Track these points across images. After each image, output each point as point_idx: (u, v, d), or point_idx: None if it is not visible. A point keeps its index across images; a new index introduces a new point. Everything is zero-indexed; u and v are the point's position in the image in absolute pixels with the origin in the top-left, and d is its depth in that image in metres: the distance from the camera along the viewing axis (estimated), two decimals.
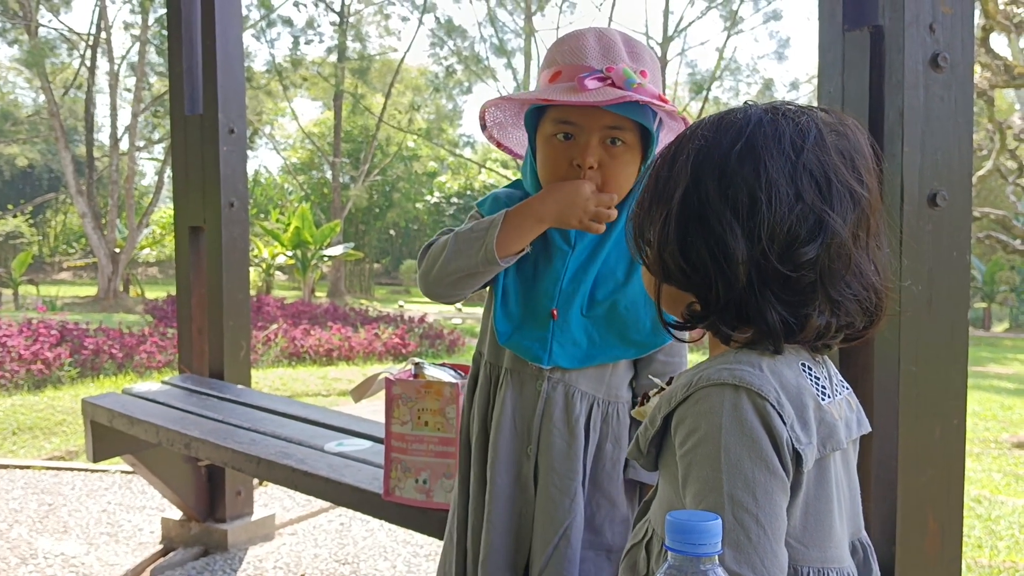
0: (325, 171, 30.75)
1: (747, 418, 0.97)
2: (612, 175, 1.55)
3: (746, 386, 0.98)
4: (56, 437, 6.46)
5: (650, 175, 1.10)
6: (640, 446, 1.10)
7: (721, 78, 27.20)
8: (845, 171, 1.02)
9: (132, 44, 23.15)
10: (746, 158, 1.01)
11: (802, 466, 1.00)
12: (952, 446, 1.80)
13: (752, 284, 1.00)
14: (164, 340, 10.43)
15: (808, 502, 1.03)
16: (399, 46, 28.46)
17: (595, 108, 1.51)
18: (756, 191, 0.99)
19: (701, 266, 1.02)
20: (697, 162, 1.03)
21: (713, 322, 1.05)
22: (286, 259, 21.36)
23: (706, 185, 1.02)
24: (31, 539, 3.87)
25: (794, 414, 0.99)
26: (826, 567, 1.05)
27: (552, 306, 1.61)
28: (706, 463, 0.97)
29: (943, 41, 1.75)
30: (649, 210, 1.08)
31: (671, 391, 1.05)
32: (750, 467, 0.96)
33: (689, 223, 1.02)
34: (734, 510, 0.95)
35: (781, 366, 1.03)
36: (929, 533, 1.79)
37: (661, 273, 1.07)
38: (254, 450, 2.65)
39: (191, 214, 3.82)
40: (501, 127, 1.75)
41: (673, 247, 1.03)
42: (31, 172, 33.16)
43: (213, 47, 3.66)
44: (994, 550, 4.29)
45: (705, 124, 1.07)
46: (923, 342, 1.75)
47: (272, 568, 3.54)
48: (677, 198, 1.03)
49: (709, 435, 0.98)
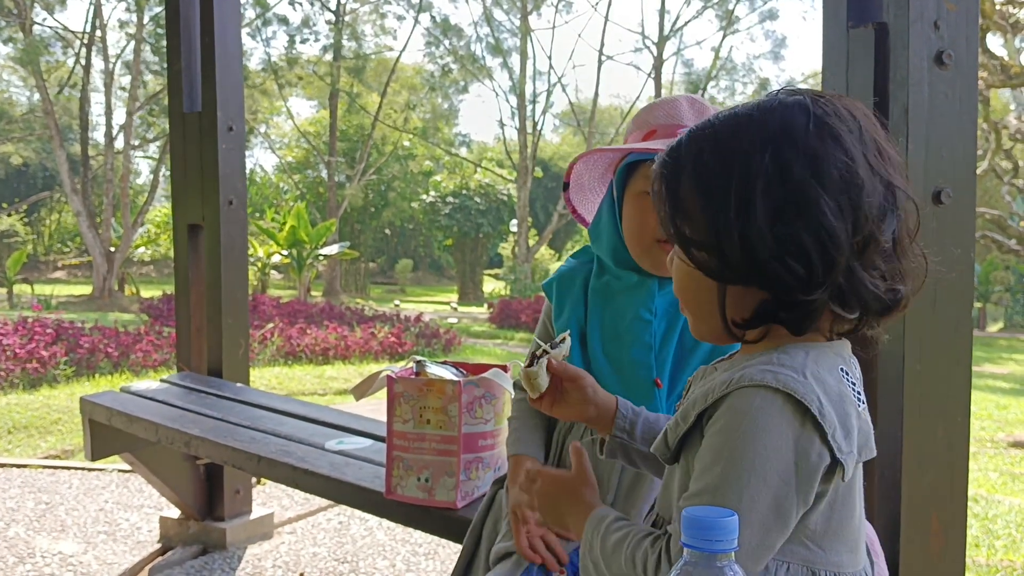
0: (321, 170, 30.73)
1: (783, 426, 0.95)
2: None
3: (791, 392, 0.96)
4: (52, 436, 6.44)
5: (684, 179, 1.04)
6: (668, 442, 1.08)
7: (717, 78, 27.27)
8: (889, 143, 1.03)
9: (127, 42, 23.14)
10: (825, 137, 0.99)
11: (844, 475, 0.99)
12: (956, 444, 1.80)
13: (850, 264, 0.98)
14: (160, 339, 10.41)
15: (833, 507, 1.02)
16: (395, 45, 28.47)
17: None
18: (844, 169, 0.98)
19: (799, 254, 0.97)
20: (775, 149, 0.98)
21: (793, 315, 1.00)
22: (281, 258, 21.34)
23: (794, 170, 0.97)
24: (28, 538, 3.86)
25: (837, 422, 0.97)
26: (842, 572, 1.04)
27: (652, 376, 1.58)
28: (728, 457, 0.96)
29: (947, 38, 1.75)
30: (704, 211, 1.01)
31: (708, 388, 1.02)
32: (767, 471, 0.95)
33: (782, 212, 0.97)
34: (718, 499, 0.95)
35: (823, 372, 1.00)
36: (933, 532, 1.78)
37: (726, 273, 1.01)
38: (254, 448, 2.64)
39: (190, 212, 3.81)
40: (580, 190, 1.75)
41: (761, 241, 0.97)
42: (26, 170, 33.09)
43: (212, 44, 3.65)
44: (991, 549, 4.29)
45: (746, 114, 1.03)
46: (927, 340, 1.75)
47: (271, 567, 3.53)
48: (759, 189, 0.97)
49: (740, 434, 0.96)
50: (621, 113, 30.14)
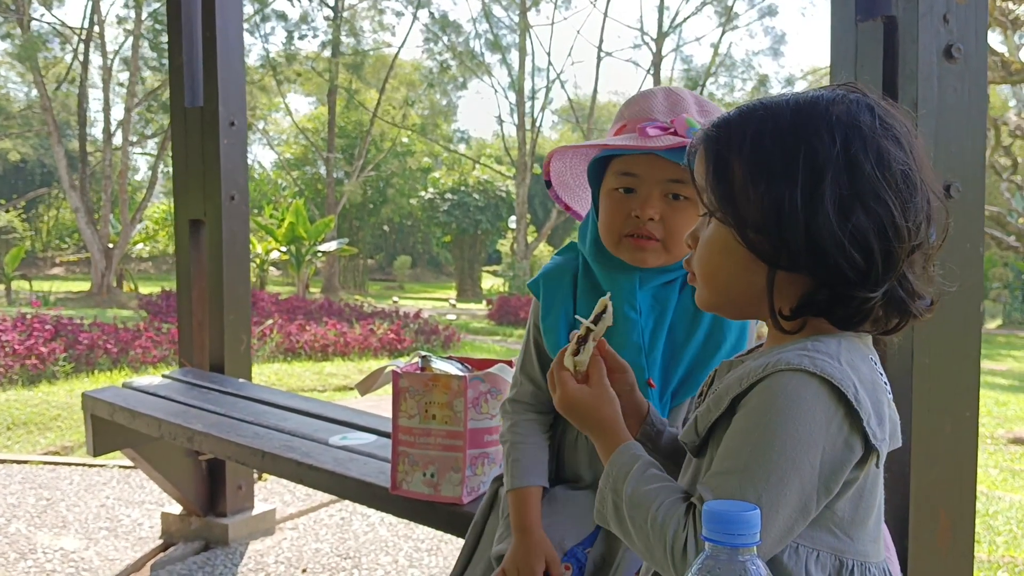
0: (319, 167, 30.71)
1: (817, 411, 0.95)
2: (675, 229, 1.49)
3: (827, 377, 0.96)
4: (51, 432, 6.42)
5: (737, 160, 1.02)
6: (698, 429, 1.06)
7: (716, 74, 27.24)
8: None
9: (125, 39, 23.09)
10: (889, 136, 1.00)
11: (878, 461, 0.99)
12: (964, 439, 1.80)
13: (907, 259, 0.99)
14: (159, 335, 10.39)
15: (862, 494, 1.02)
16: (393, 41, 28.41)
17: (657, 160, 1.47)
18: (907, 169, 0.99)
19: (863, 248, 0.96)
20: (845, 140, 0.98)
21: (848, 310, 1.00)
22: (280, 255, 21.32)
23: (864, 163, 0.97)
24: (30, 534, 3.85)
25: (871, 410, 0.97)
26: (868, 562, 1.04)
27: (645, 376, 1.52)
28: (759, 439, 0.95)
29: (957, 32, 1.74)
30: (766, 195, 0.99)
31: (741, 373, 1.01)
32: (798, 456, 0.94)
33: (851, 204, 0.97)
34: (746, 481, 0.95)
35: (857, 360, 1.00)
36: (941, 527, 1.78)
37: (782, 259, 1.00)
38: (258, 444, 2.64)
39: (191, 207, 3.80)
40: (566, 188, 1.71)
41: (828, 230, 0.96)
42: (24, 167, 33.03)
43: (214, 39, 3.64)
44: (992, 545, 4.30)
45: (808, 101, 1.02)
46: (936, 334, 1.74)
47: (273, 562, 3.52)
48: (829, 178, 0.97)
49: (774, 416, 0.95)
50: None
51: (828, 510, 1.00)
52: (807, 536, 1.00)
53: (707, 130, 1.07)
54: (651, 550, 1.00)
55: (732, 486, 0.95)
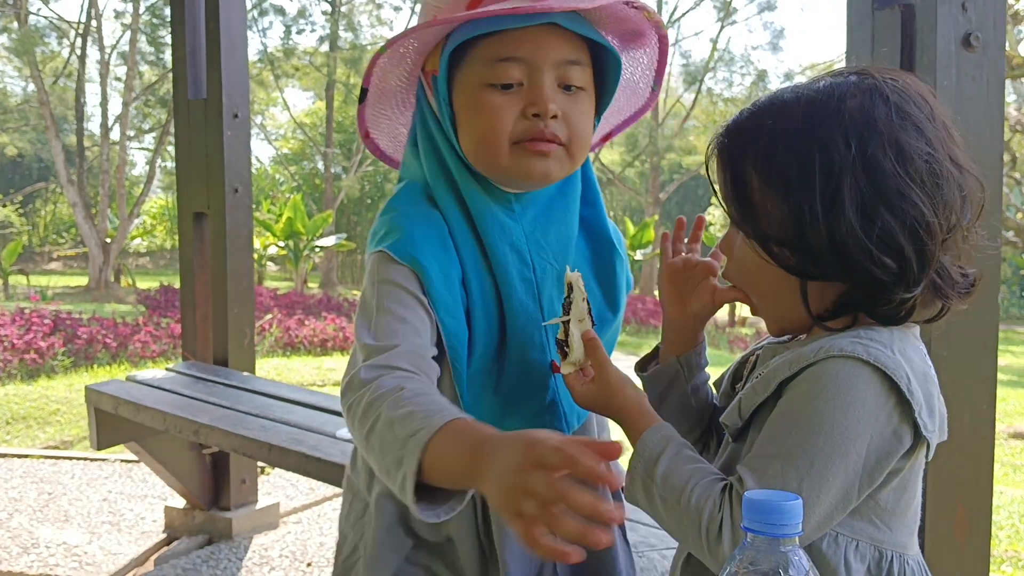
0: (317, 161, 30.66)
1: (868, 399, 0.93)
2: (578, 128, 1.17)
3: (880, 366, 0.93)
4: (50, 427, 6.41)
5: (753, 171, 0.99)
6: (741, 412, 1.03)
7: (715, 69, 27.21)
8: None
9: (123, 33, 23.04)
10: (907, 126, 0.96)
11: (928, 453, 0.98)
12: (982, 431, 1.79)
13: (939, 256, 0.97)
14: (158, 330, 10.37)
15: (905, 485, 1.01)
16: (391, 36, 28.31)
17: (550, 35, 1.13)
18: (930, 160, 0.96)
19: (893, 250, 0.94)
20: (860, 140, 0.95)
21: (891, 311, 0.98)
22: (278, 250, 21.28)
23: (882, 162, 0.94)
24: (32, 528, 3.83)
25: (923, 401, 0.95)
26: (906, 554, 1.02)
27: (548, 357, 1.23)
28: (807, 424, 0.93)
29: (975, 20, 1.72)
30: (785, 206, 0.97)
31: (791, 358, 0.98)
32: (844, 444, 0.92)
33: (874, 207, 0.94)
34: (788, 465, 0.92)
35: (909, 350, 0.99)
36: (958, 519, 1.77)
37: (811, 270, 0.98)
38: (264, 437, 2.62)
39: (194, 200, 3.77)
40: (385, 99, 1.30)
41: (852, 237, 0.94)
42: (21, 161, 32.94)
43: (217, 31, 3.61)
44: (995, 540, 4.31)
45: (821, 100, 0.98)
46: (954, 326, 1.72)
47: (278, 556, 3.51)
48: (847, 184, 0.94)
49: (823, 402, 0.93)
50: None
51: (871, 499, 0.98)
52: (847, 525, 0.98)
53: (720, 137, 1.04)
54: (683, 531, 0.97)
55: (774, 470, 0.93)
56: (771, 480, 0.92)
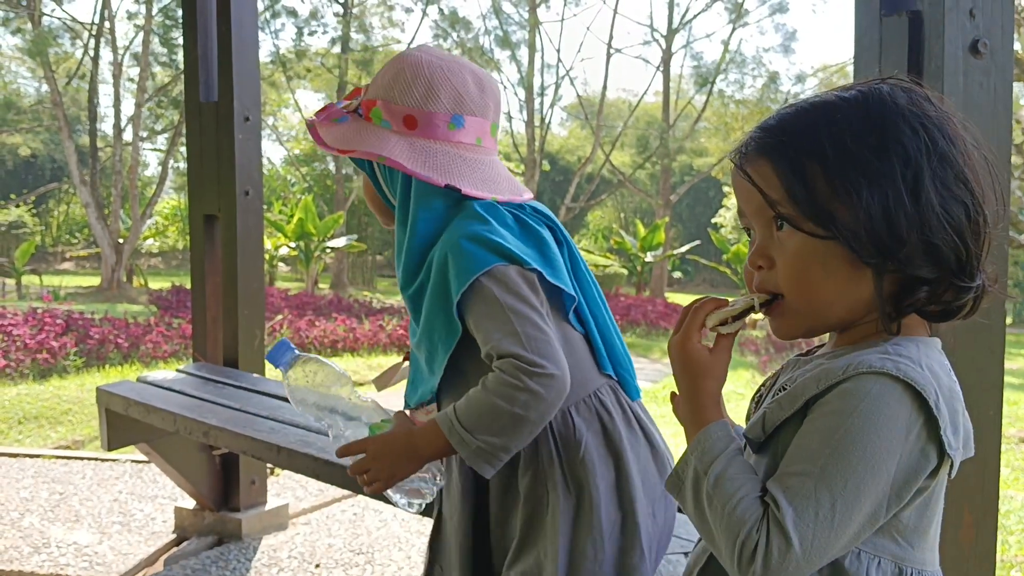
0: (328, 163, 30.69)
1: (900, 417, 0.92)
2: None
3: (911, 383, 0.93)
4: (62, 426, 6.44)
5: (820, 169, 0.98)
6: (765, 427, 1.02)
7: (726, 71, 27.14)
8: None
9: (136, 34, 23.10)
10: (951, 121, 0.99)
11: (951, 471, 0.98)
12: (988, 437, 1.78)
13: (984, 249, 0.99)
14: (170, 330, 10.41)
15: (928, 504, 1.00)
16: (403, 38, 28.20)
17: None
18: (976, 154, 0.99)
19: (964, 237, 0.96)
20: (927, 132, 0.97)
21: (956, 302, 0.99)
22: (289, 251, 21.34)
23: (948, 153, 0.97)
24: (43, 528, 3.86)
25: (948, 419, 0.95)
26: (926, 570, 1.02)
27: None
28: (840, 442, 0.92)
29: (983, 27, 1.72)
30: (868, 198, 0.96)
31: (818, 374, 0.97)
32: (876, 463, 0.91)
33: (951, 194, 0.96)
34: (821, 484, 0.91)
35: (935, 366, 0.98)
36: (964, 525, 1.77)
37: (890, 259, 0.97)
38: (274, 439, 2.63)
39: (206, 202, 3.79)
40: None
41: (937, 223, 0.95)
42: (34, 162, 33.10)
43: (228, 33, 3.63)
44: (1004, 544, 4.28)
45: (875, 98, 0.99)
46: (960, 330, 1.72)
47: (287, 557, 3.52)
48: (927, 173, 0.96)
49: (856, 420, 0.92)
50: (629, 106, 30.00)
51: (894, 518, 0.97)
52: (869, 542, 0.98)
53: (761, 138, 1.03)
54: (716, 535, 0.96)
55: (807, 488, 0.92)
56: (804, 500, 0.91)
